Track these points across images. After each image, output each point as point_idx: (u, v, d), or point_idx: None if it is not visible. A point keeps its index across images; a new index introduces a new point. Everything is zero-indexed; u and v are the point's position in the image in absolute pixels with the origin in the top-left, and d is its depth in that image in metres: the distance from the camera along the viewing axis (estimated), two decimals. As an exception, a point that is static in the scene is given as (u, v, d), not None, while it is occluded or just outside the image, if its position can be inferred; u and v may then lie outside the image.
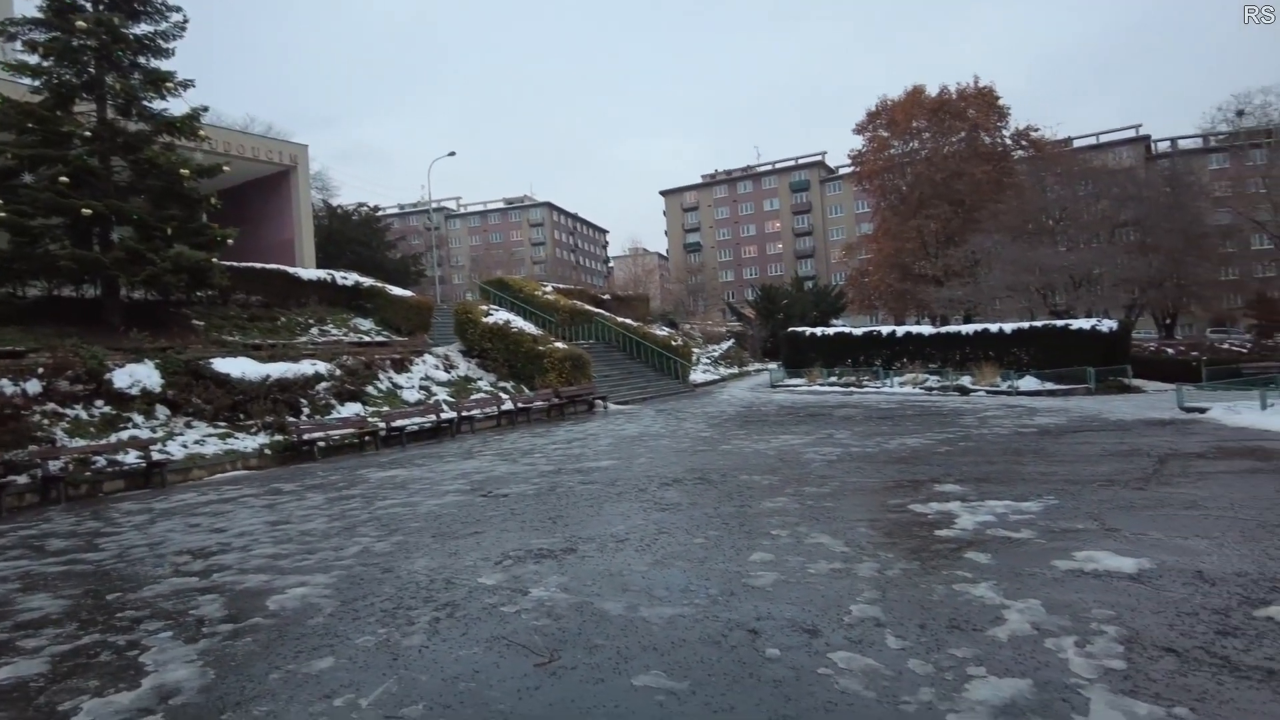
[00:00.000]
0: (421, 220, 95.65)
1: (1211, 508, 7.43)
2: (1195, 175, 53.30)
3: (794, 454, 12.55)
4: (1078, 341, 25.67)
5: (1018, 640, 4.39)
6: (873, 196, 59.96)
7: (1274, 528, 6.55)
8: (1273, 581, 5.16)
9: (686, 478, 10.64)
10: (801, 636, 4.59)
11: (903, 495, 8.77)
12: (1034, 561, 5.89)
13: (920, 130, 54.89)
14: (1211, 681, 3.78)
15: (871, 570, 5.86)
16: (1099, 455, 11.04)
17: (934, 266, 51.14)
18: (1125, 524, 6.91)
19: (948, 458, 11.47)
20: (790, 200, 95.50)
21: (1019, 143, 54.32)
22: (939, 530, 7.03)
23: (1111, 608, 4.81)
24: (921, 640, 4.45)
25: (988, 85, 53.46)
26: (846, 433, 15.18)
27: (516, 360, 24.43)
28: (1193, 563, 5.65)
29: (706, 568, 6.13)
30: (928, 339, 30.34)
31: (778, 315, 46.29)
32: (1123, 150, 67.59)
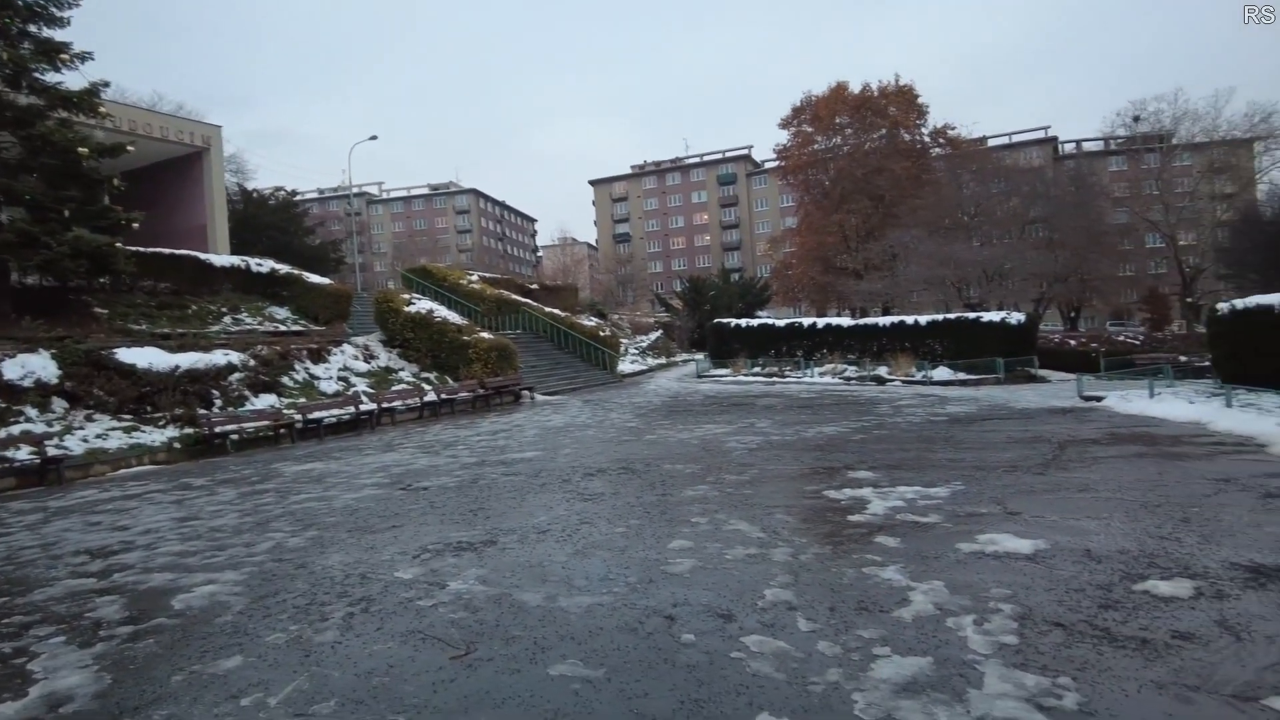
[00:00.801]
0: (342, 206, 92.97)
1: (1102, 490, 7.90)
2: (1097, 176, 56.24)
3: (717, 443, 12.75)
4: (988, 333, 26.80)
5: (921, 620, 4.59)
6: (797, 191, 61.20)
7: (1154, 508, 7.02)
8: (1150, 558, 5.53)
9: (611, 468, 10.70)
10: (716, 621, 4.69)
11: (818, 482, 9.02)
12: (940, 544, 6.16)
13: (843, 126, 56.24)
14: (1093, 652, 4.04)
15: (786, 555, 6.03)
16: (1004, 442, 11.59)
17: (854, 260, 52.56)
18: (1025, 507, 7.29)
19: (862, 445, 11.85)
20: (718, 193, 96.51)
21: (937, 140, 56.30)
22: (851, 515, 7.27)
23: (1008, 587, 5.08)
24: (831, 622, 4.61)
25: (908, 84, 55.20)
26: (768, 422, 15.50)
27: (440, 350, 24.04)
28: (1083, 542, 6.00)
29: (627, 556, 6.19)
30: (847, 330, 31.17)
31: (705, 306, 46.86)
32: (1032, 150, 70.74)
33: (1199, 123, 47.91)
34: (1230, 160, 50.89)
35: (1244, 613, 4.46)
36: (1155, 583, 5.00)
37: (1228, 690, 3.58)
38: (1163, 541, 5.93)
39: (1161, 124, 49.13)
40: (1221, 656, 3.92)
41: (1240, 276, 43.27)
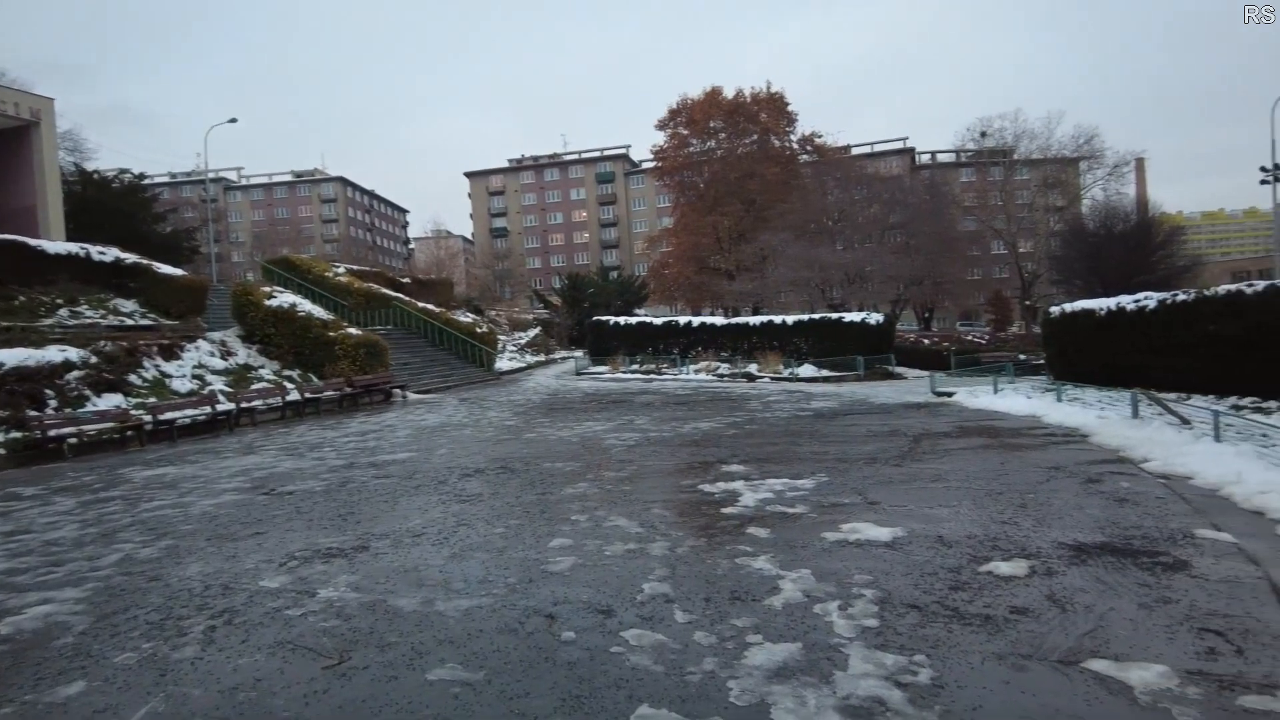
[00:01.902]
0: (197, 191, 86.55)
1: (952, 480, 8.55)
2: (950, 186, 60.41)
3: (596, 440, 12.84)
4: (850, 333, 28.32)
5: (791, 608, 4.83)
6: (673, 191, 62.30)
7: (997, 495, 7.67)
8: (994, 541, 6.05)
9: (489, 468, 10.57)
10: (596, 618, 4.76)
11: (694, 476, 9.28)
12: (806, 534, 6.48)
13: (717, 130, 57.71)
14: (944, 630, 4.38)
15: (663, 549, 6.18)
16: (865, 436, 12.29)
17: (727, 261, 54.11)
18: (884, 497, 7.78)
19: (735, 440, 12.27)
20: (596, 190, 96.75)
21: (805, 148, 58.74)
22: (725, 508, 7.53)
23: (870, 573, 5.42)
24: (707, 613, 4.77)
25: (778, 92, 57.25)
26: (646, 418, 15.74)
27: (304, 347, 22.91)
28: (935, 529, 6.48)
29: (506, 557, 6.16)
30: (720, 329, 32.10)
31: (584, 304, 46.92)
32: (892, 160, 75.02)
33: (1035, 141, 52.49)
34: (1061, 176, 56.03)
35: (1069, 587, 4.97)
36: (997, 564, 5.47)
37: (1055, 657, 3.98)
38: (1004, 526, 6.50)
39: (1005, 140, 53.45)
40: (1050, 627, 4.36)
41: (1069, 282, 47.61)
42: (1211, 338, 13.66)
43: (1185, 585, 4.95)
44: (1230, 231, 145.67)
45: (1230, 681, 3.66)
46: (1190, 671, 3.77)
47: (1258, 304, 12.69)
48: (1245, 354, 12.89)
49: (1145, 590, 4.88)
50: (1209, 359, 13.73)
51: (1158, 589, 4.89)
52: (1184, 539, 5.93)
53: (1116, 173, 53.09)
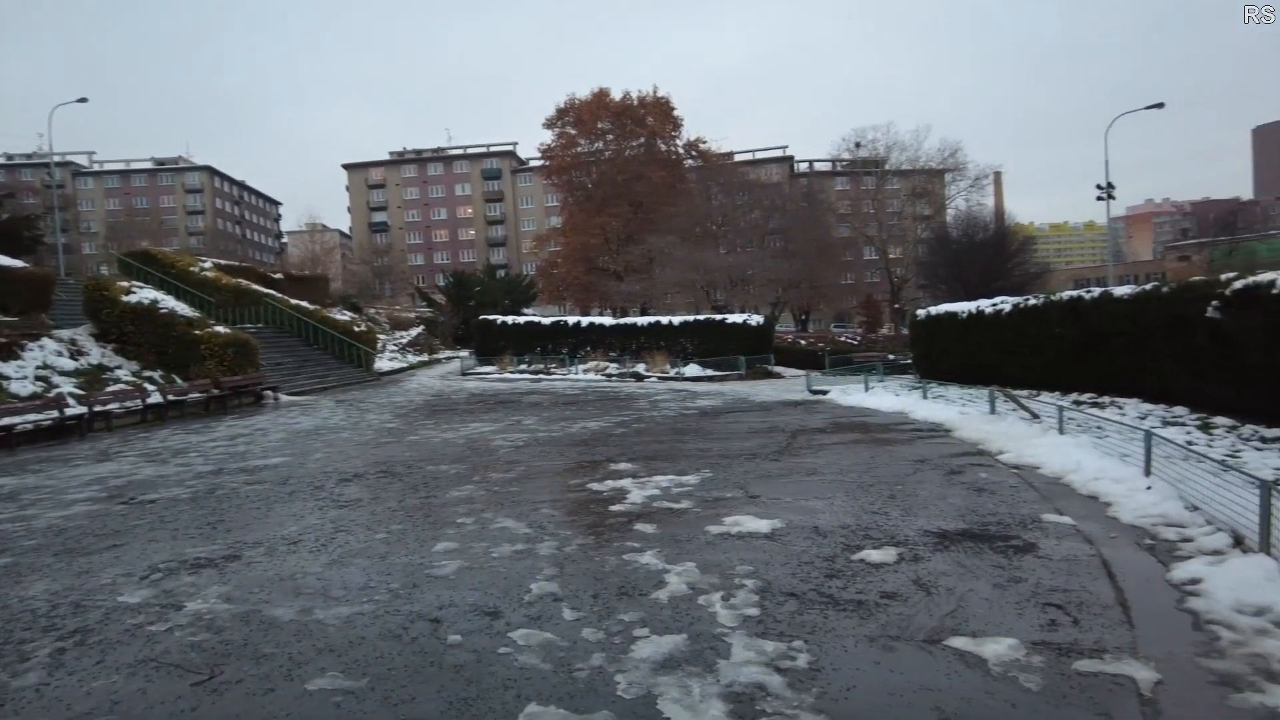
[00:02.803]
0: (40, 176, 79.24)
1: (827, 474, 8.96)
2: (826, 194, 63.19)
3: (483, 441, 12.66)
4: (733, 333, 29.12)
5: (676, 600, 4.95)
6: (561, 191, 62.09)
7: (868, 487, 8.10)
8: (866, 531, 6.40)
9: (369, 472, 10.23)
10: (483, 620, 4.72)
11: (582, 475, 9.32)
12: (691, 528, 6.65)
13: (605, 132, 57.91)
14: (820, 616, 4.61)
15: (551, 549, 6.18)
16: (746, 432, 12.69)
17: (616, 262, 54.43)
18: (764, 490, 8.07)
19: (623, 439, 12.39)
20: (483, 187, 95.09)
21: (690, 153, 59.79)
22: (613, 506, 7.61)
23: (751, 564, 5.62)
24: (594, 609, 4.82)
25: (665, 96, 58.00)
26: (534, 419, 15.65)
27: (167, 346, 21.40)
28: (812, 520, 6.78)
29: (388, 562, 6.00)
30: (609, 330, 32.29)
31: (470, 302, 46.04)
32: (772, 167, 77.57)
33: (905, 152, 55.64)
34: (928, 187, 59.65)
35: (933, 571, 5.32)
36: (869, 552, 5.80)
37: (921, 636, 4.27)
38: (874, 516, 6.88)
39: (877, 151, 56.34)
40: (916, 609, 4.66)
41: (934, 287, 50.73)
42: (1057, 339, 14.89)
43: (1033, 565, 5.40)
44: (1073, 242, 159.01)
45: (1067, 649, 4.04)
46: (1035, 642, 4.13)
47: (1094, 309, 13.95)
48: (1085, 354, 14.13)
49: (999, 571, 5.29)
50: (1055, 358, 14.97)
51: (1010, 570, 5.32)
52: (1032, 523, 6.47)
53: (977, 184, 57.06)
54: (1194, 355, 11.09)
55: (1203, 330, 10.67)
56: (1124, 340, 12.98)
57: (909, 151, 55.63)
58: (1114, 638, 4.19)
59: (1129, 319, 12.84)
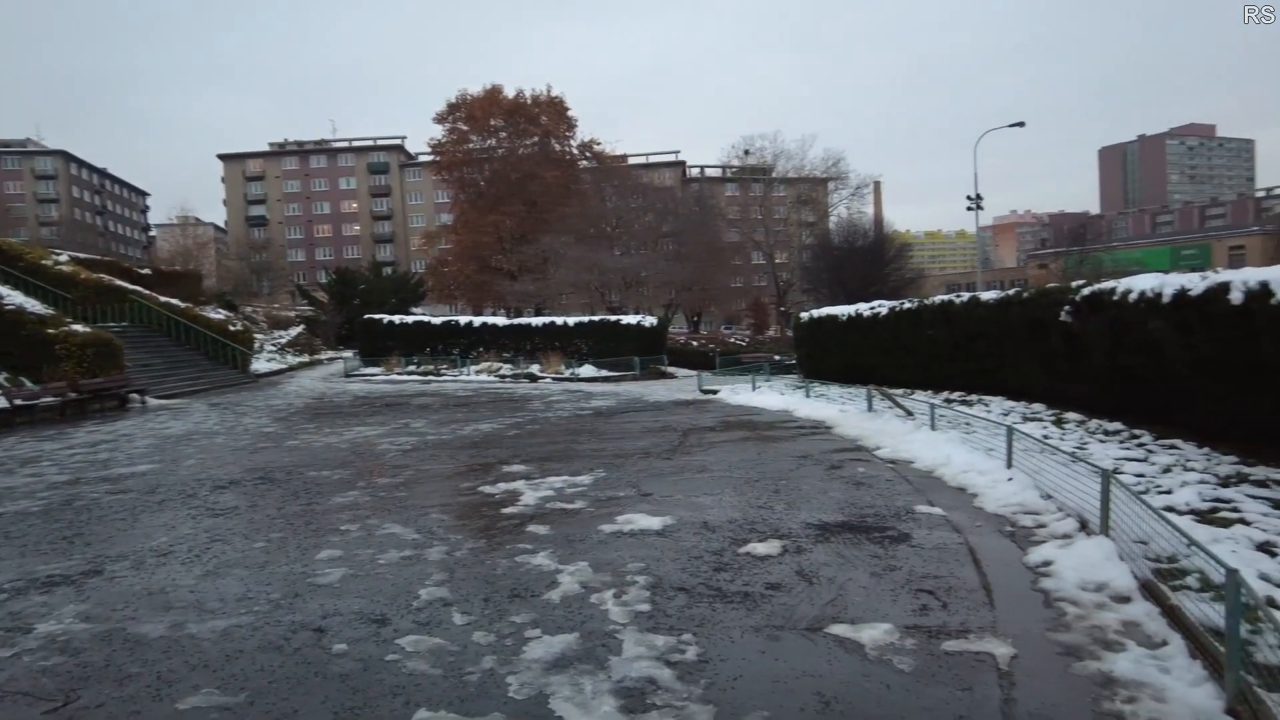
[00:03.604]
0: None
1: (716, 471, 9.20)
2: (716, 199, 64.67)
3: (369, 445, 12.27)
4: (627, 334, 29.38)
5: (569, 600, 4.97)
6: (452, 188, 60.88)
7: (755, 483, 8.37)
8: (752, 525, 6.62)
9: (246, 479, 9.73)
10: (370, 627, 4.60)
11: (474, 478, 9.19)
12: (585, 528, 6.69)
13: (498, 129, 57.23)
14: (708, 609, 4.74)
15: (441, 553, 6.08)
16: (640, 431, 12.84)
17: (509, 261, 53.87)
18: (656, 489, 8.20)
19: (516, 440, 12.30)
20: (369, 181, 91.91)
21: (584, 154, 59.89)
22: (505, 508, 7.55)
23: (643, 561, 5.71)
24: (486, 613, 4.79)
25: (559, 96, 57.87)
26: (424, 421, 15.29)
27: (14, 346, 19.59)
28: (701, 516, 6.95)
29: (268, 572, 5.74)
30: (502, 330, 31.92)
31: (354, 301, 44.37)
32: (665, 171, 78.63)
33: (791, 161, 57.72)
34: (812, 195, 62.06)
35: (814, 562, 5.57)
36: (755, 545, 6.00)
37: (803, 625, 4.46)
38: (760, 510, 7.12)
39: (765, 159, 58.15)
40: (799, 599, 4.87)
41: (817, 290, 52.73)
42: (930, 341, 15.80)
43: (906, 554, 5.73)
44: (946, 249, 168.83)
45: (937, 631, 4.32)
46: (908, 626, 4.39)
47: (963, 313, 14.89)
48: (955, 354, 15.05)
49: (876, 561, 5.59)
50: (928, 359, 15.88)
51: (885, 559, 5.62)
52: (906, 515, 6.86)
53: (858, 193, 59.84)
54: (1049, 356, 12.02)
55: (1057, 333, 11.58)
56: (989, 342, 13.91)
57: (795, 160, 57.81)
58: (977, 618, 4.51)
59: (994, 322, 13.77)
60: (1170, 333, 8.71)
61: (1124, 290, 9.82)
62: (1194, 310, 8.30)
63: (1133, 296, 9.51)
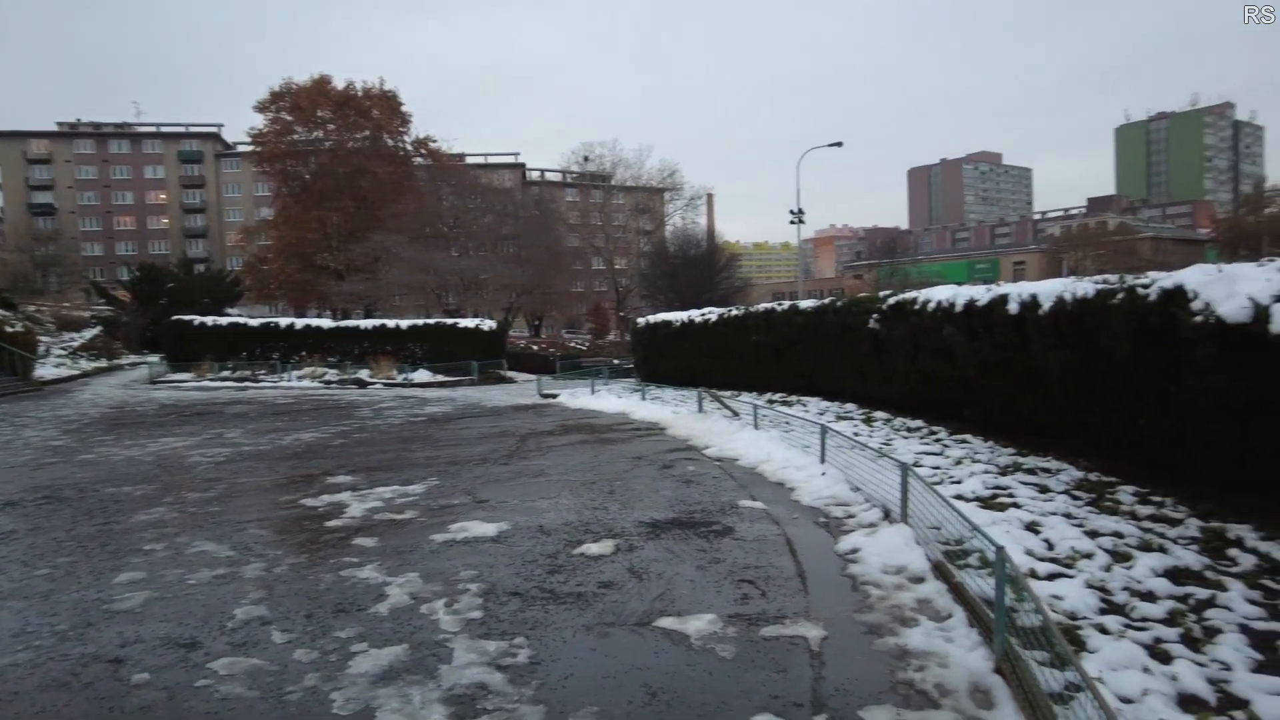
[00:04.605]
0: None
1: (553, 474, 9.26)
2: (557, 204, 64.82)
3: (176, 458, 11.31)
4: (465, 338, 28.84)
5: (398, 611, 4.86)
6: (275, 180, 57.05)
7: (591, 485, 8.52)
8: (586, 526, 6.74)
9: (26, 498, 8.67)
10: (178, 653, 4.28)
11: (295, 491, 8.71)
12: (415, 538, 6.54)
13: (326, 121, 54.32)
14: (542, 612, 4.79)
15: (259, 570, 5.74)
16: (476, 438, 12.67)
17: (337, 260, 51.27)
18: (492, 495, 8.15)
19: (342, 450, 11.77)
20: (179, 171, 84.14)
21: (419, 150, 57.97)
22: (330, 521, 7.23)
23: (476, 568, 5.67)
24: (308, 629, 4.59)
25: (392, 90, 55.73)
26: (239, 431, 14.28)
27: None
28: (537, 520, 6.99)
29: (54, 601, 5.18)
30: (328, 333, 30.43)
31: (162, 301, 40.51)
32: (505, 173, 77.78)
33: (630, 169, 58.99)
34: (650, 203, 63.72)
35: (645, 559, 5.76)
36: (589, 545, 6.12)
37: (633, 620, 4.62)
38: (595, 511, 7.26)
39: (604, 166, 59.02)
40: (630, 595, 5.03)
41: (654, 297, 54.15)
42: (755, 346, 16.69)
43: (730, 547, 6.06)
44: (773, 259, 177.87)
45: (756, 618, 4.62)
46: (730, 615, 4.66)
47: (784, 320, 15.85)
48: (777, 358, 15.99)
49: (702, 555, 5.86)
50: (754, 363, 16.76)
51: (711, 552, 5.92)
52: (731, 510, 7.23)
53: (692, 204, 62.03)
54: (860, 360, 13.05)
55: (866, 339, 12.60)
56: (807, 347, 14.90)
57: (633, 169, 59.11)
58: (793, 605, 4.85)
59: (811, 329, 14.76)
60: (961, 339, 9.72)
61: (923, 300, 10.85)
62: (980, 319, 9.31)
63: (931, 306, 10.53)
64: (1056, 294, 7.84)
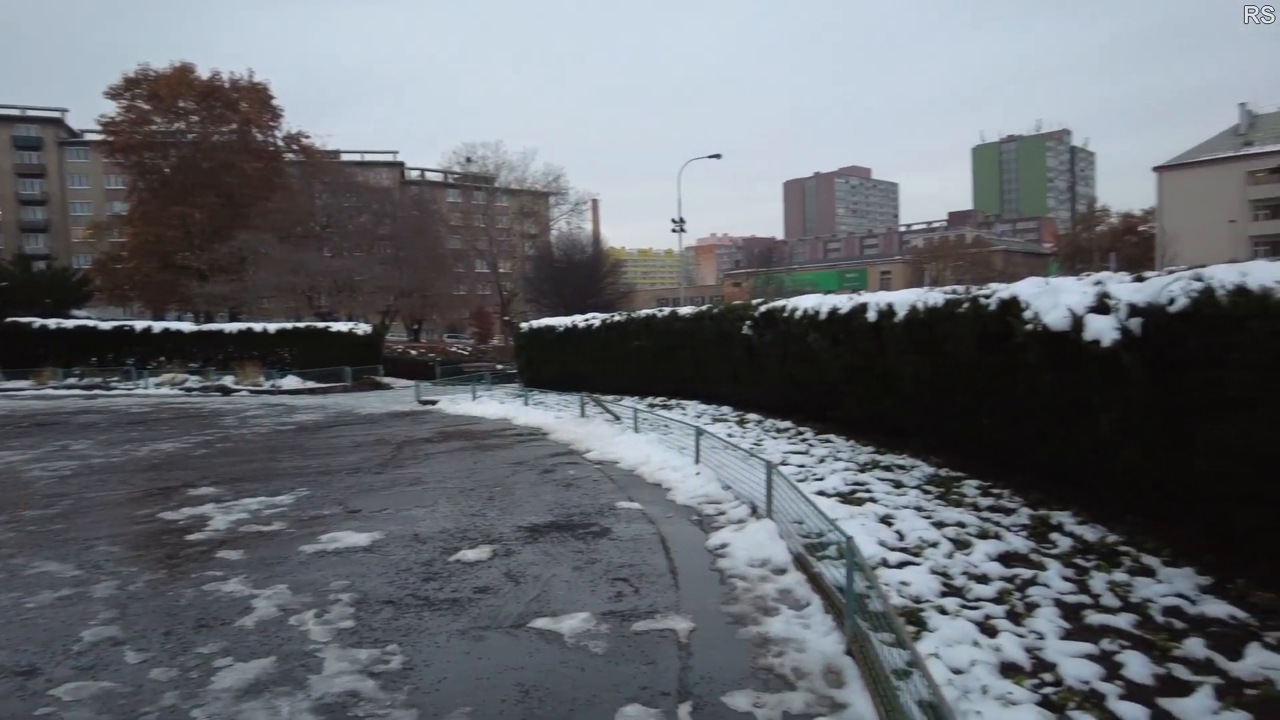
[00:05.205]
0: None
1: (430, 482, 9.16)
2: (438, 204, 63.43)
3: (12, 473, 10.42)
4: (338, 342, 27.81)
5: (264, 624, 4.73)
6: (130, 173, 52.90)
7: (469, 491, 8.49)
8: (464, 532, 6.73)
9: None
10: (14, 682, 4.01)
11: (152, 504, 8.23)
12: (284, 549, 6.34)
13: (188, 112, 50.93)
14: (416, 618, 4.79)
15: (111, 589, 5.43)
16: (349, 446, 12.32)
17: (200, 259, 48.20)
18: (365, 504, 7.98)
19: (205, 460, 11.18)
20: (14, 159, 76.80)
21: (291, 146, 55.24)
22: (191, 535, 6.89)
23: (348, 578, 5.57)
24: (167, 648, 4.40)
25: (262, 82, 52.84)
26: (87, 442, 13.28)
27: None
28: (412, 528, 6.91)
29: None
30: (189, 337, 28.73)
31: (-9, 301, 36.90)
32: (382, 171, 75.45)
33: (514, 172, 58.54)
34: (534, 207, 63.40)
35: (522, 563, 5.83)
36: (465, 552, 6.13)
37: (509, 623, 4.69)
38: (473, 518, 7.25)
39: (487, 168, 58.30)
40: (506, 599, 5.09)
41: (539, 301, 53.87)
42: (637, 351, 16.99)
43: (606, 547, 6.21)
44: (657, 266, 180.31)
45: (629, 614, 4.79)
46: (604, 613, 4.80)
47: (664, 326, 16.24)
48: (658, 363, 16.36)
49: (579, 556, 5.99)
50: (636, 367, 17.06)
51: (588, 553, 6.05)
52: (609, 511, 7.40)
53: (577, 209, 62.17)
54: (735, 364, 13.55)
55: (740, 345, 13.10)
56: (687, 352, 15.32)
57: (517, 171, 58.67)
58: (665, 600, 5.05)
59: (690, 334, 15.20)
60: (825, 345, 10.30)
61: (792, 308, 11.41)
62: (842, 326, 9.90)
63: (799, 314, 11.09)
64: (910, 303, 8.45)
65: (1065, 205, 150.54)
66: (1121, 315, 5.40)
